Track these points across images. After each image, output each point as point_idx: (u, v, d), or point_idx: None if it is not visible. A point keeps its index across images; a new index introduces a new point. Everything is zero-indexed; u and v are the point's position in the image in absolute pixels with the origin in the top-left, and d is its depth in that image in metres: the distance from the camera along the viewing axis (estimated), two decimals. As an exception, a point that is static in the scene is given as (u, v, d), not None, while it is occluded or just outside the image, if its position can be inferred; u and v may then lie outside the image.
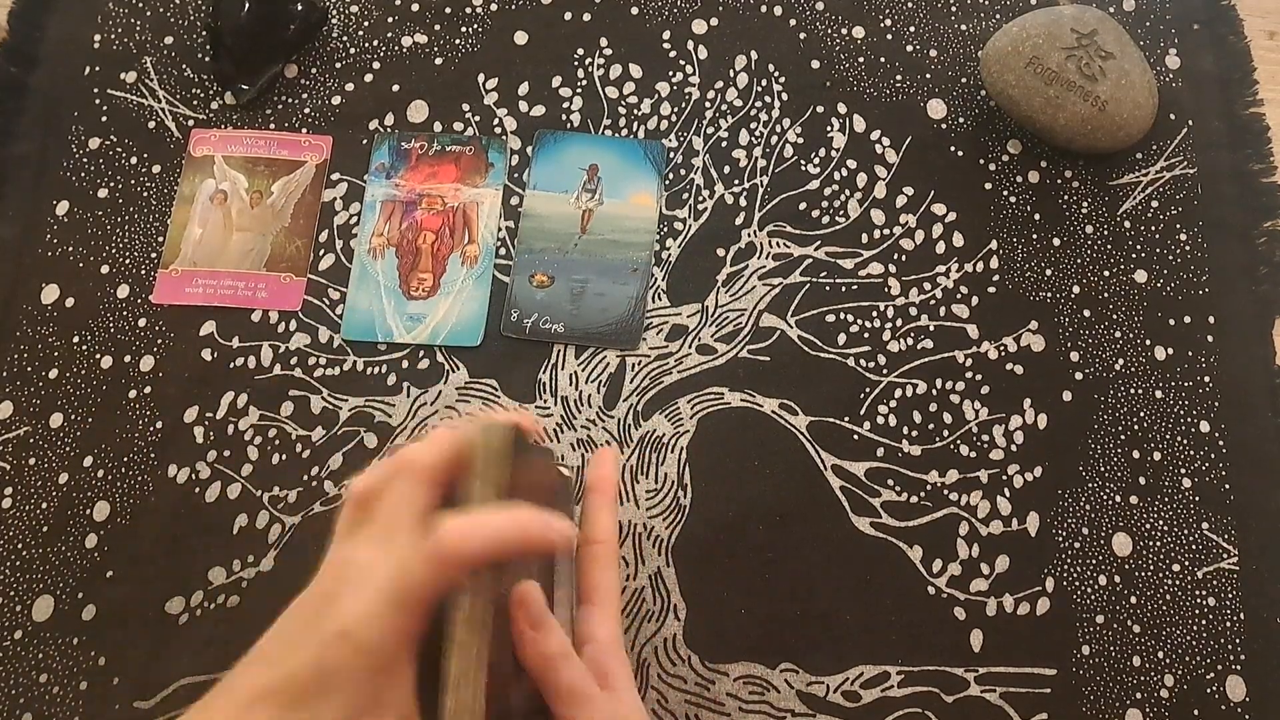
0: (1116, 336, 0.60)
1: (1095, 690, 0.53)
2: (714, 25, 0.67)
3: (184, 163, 0.64)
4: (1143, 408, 0.58)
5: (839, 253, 0.62)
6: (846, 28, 0.67)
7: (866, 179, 0.63)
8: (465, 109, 0.65)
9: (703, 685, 0.53)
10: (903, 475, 0.57)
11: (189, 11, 0.67)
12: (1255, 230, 0.62)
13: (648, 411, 0.58)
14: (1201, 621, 0.54)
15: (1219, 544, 0.56)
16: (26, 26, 0.67)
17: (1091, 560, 0.55)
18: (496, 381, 0.59)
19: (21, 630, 0.54)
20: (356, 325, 0.60)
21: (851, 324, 0.60)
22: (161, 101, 0.65)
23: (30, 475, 0.57)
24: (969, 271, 0.61)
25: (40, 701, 0.52)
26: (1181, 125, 0.65)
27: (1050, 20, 0.61)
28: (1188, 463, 0.57)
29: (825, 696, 0.53)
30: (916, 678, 0.53)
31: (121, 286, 0.61)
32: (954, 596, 0.55)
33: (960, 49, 0.67)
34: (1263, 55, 0.67)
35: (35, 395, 0.58)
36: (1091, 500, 0.57)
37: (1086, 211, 0.63)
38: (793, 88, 0.66)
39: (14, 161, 0.63)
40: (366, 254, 0.62)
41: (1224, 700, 0.53)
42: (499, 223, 0.62)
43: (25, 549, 0.55)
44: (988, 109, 0.65)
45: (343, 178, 0.63)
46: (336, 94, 0.65)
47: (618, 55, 0.66)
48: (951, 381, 0.59)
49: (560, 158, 0.64)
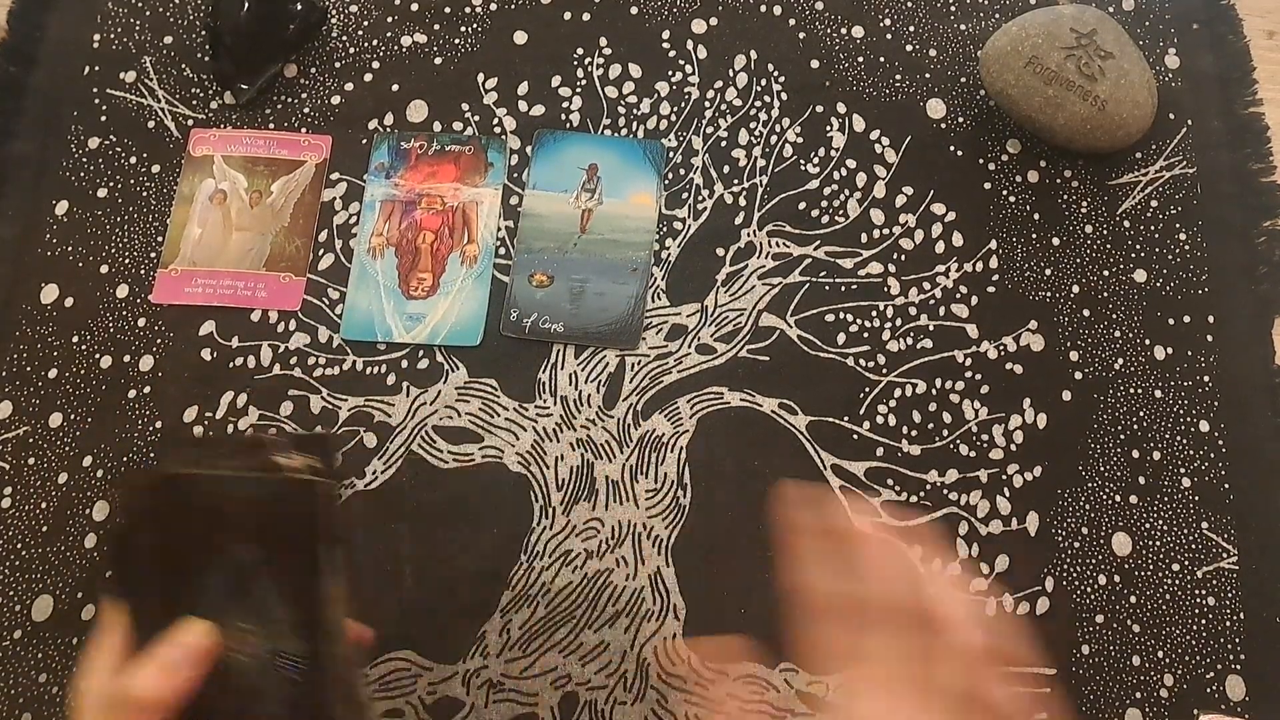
0: (1116, 336, 0.60)
1: (1095, 690, 0.53)
2: (713, 25, 0.67)
3: (183, 162, 0.64)
4: (1142, 407, 0.58)
5: (838, 252, 0.62)
6: (846, 27, 0.67)
7: (866, 179, 0.63)
8: (465, 109, 0.65)
9: (703, 685, 0.53)
10: (902, 475, 0.57)
11: (189, 11, 0.68)
12: (1255, 230, 0.62)
13: (647, 411, 0.58)
14: (1201, 621, 0.54)
15: (1219, 543, 0.56)
16: (26, 26, 0.67)
17: (1091, 560, 0.55)
18: (496, 381, 0.59)
19: (21, 630, 0.54)
20: (356, 325, 0.60)
21: (851, 324, 0.60)
22: (161, 101, 0.65)
23: (30, 475, 0.57)
24: (968, 271, 0.61)
25: (40, 701, 0.52)
26: (1181, 125, 0.65)
27: (1050, 20, 0.61)
28: (1187, 462, 0.57)
29: (825, 696, 0.53)
30: (916, 677, 0.53)
31: (121, 286, 0.61)
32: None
33: (960, 49, 0.67)
34: (1262, 55, 0.67)
35: (35, 395, 0.58)
36: (1091, 500, 0.57)
37: (1086, 211, 0.63)
38: (792, 87, 0.66)
39: (14, 161, 0.63)
40: (366, 254, 0.62)
41: (1224, 700, 0.53)
42: (498, 222, 0.62)
43: (25, 549, 0.55)
44: (987, 109, 0.65)
45: (342, 177, 0.63)
46: (336, 94, 0.65)
47: (617, 55, 0.66)
48: (951, 381, 0.59)
49: (560, 157, 0.64)
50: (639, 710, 0.52)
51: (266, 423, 0.58)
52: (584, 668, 0.53)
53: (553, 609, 0.54)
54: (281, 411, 0.58)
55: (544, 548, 0.56)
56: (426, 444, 0.57)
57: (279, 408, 0.58)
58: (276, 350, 0.59)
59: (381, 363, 0.59)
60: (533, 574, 0.55)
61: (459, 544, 0.55)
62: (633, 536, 0.56)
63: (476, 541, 0.56)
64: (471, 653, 0.53)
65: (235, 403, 0.58)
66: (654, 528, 0.56)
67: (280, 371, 0.59)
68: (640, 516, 0.56)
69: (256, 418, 0.58)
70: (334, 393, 0.59)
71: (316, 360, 0.59)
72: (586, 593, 0.55)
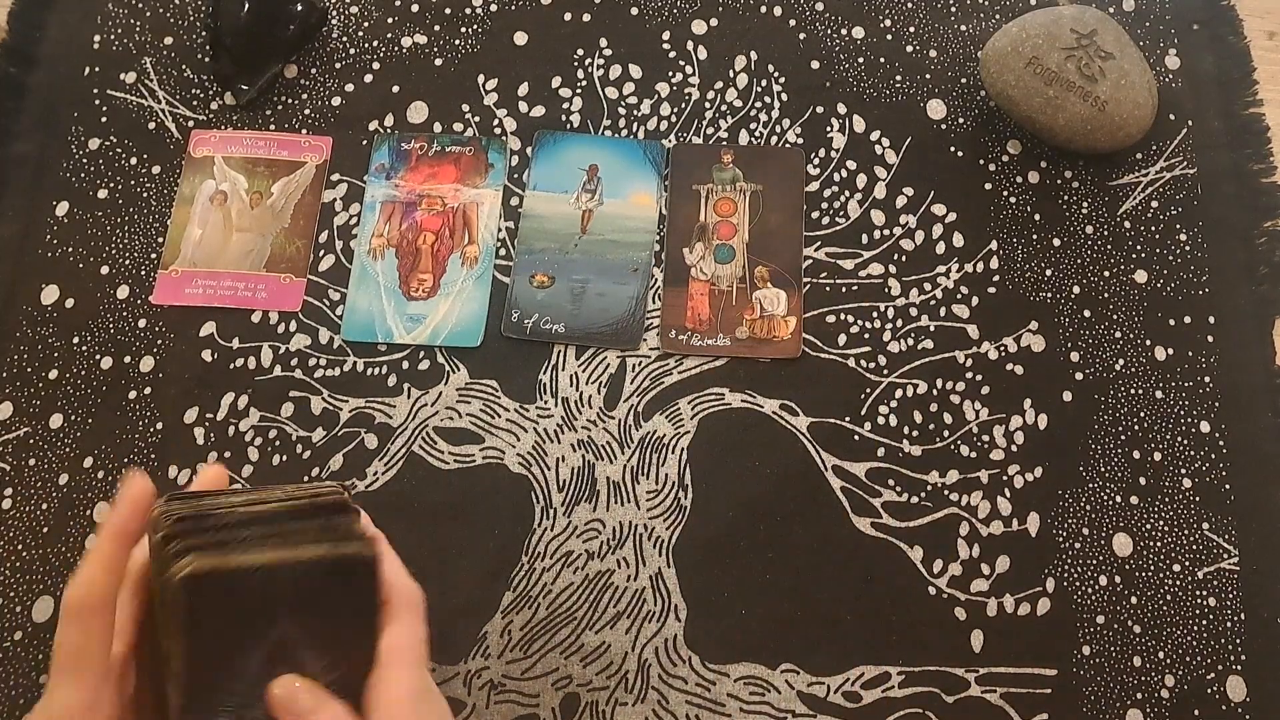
0: (1117, 337, 0.60)
1: (1096, 690, 0.53)
2: (714, 26, 0.67)
3: (184, 163, 0.64)
4: (1143, 408, 0.58)
5: (839, 253, 0.62)
6: (846, 28, 0.67)
7: (866, 179, 0.63)
8: (465, 109, 0.65)
9: (703, 686, 0.53)
10: (903, 475, 0.57)
11: (189, 11, 0.67)
12: (1255, 230, 0.62)
13: (648, 412, 0.58)
14: (1202, 622, 0.54)
15: (1219, 544, 0.56)
16: (26, 26, 0.67)
17: (1092, 560, 0.56)
18: (497, 382, 0.59)
19: (21, 631, 0.53)
20: (356, 326, 0.60)
21: (852, 324, 0.60)
22: (161, 102, 0.65)
23: (30, 476, 0.56)
24: (969, 272, 0.61)
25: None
26: (1181, 125, 0.65)
27: (1050, 20, 0.61)
28: (1188, 463, 0.57)
29: (826, 697, 0.53)
30: (917, 678, 0.53)
31: (121, 287, 0.61)
32: (954, 597, 0.55)
33: (960, 49, 0.67)
34: (1262, 55, 0.67)
35: (35, 396, 0.58)
36: (1092, 500, 0.57)
37: (1086, 212, 0.63)
38: (792, 88, 0.66)
39: (14, 161, 0.63)
40: (366, 255, 0.62)
41: (1224, 700, 0.53)
42: (499, 223, 0.62)
43: (25, 550, 0.55)
44: (987, 109, 0.65)
45: (343, 178, 0.63)
46: (336, 94, 0.65)
47: (617, 56, 0.66)
48: (952, 382, 0.59)
49: (560, 158, 0.64)
50: (640, 711, 0.52)
51: (267, 424, 0.58)
52: (585, 669, 0.53)
53: (554, 610, 0.54)
54: (282, 413, 0.58)
55: (545, 549, 0.56)
56: (427, 445, 0.57)
57: (280, 409, 0.58)
58: (277, 351, 0.59)
59: (382, 364, 0.59)
60: (534, 575, 0.55)
61: (460, 545, 0.55)
62: (634, 537, 0.56)
63: (477, 543, 0.56)
64: (473, 654, 0.53)
65: (236, 404, 0.58)
66: (655, 529, 0.56)
67: (281, 373, 0.59)
68: (641, 518, 0.56)
69: (257, 419, 0.58)
70: (335, 394, 0.59)
71: (317, 361, 0.59)
72: (587, 594, 0.55)
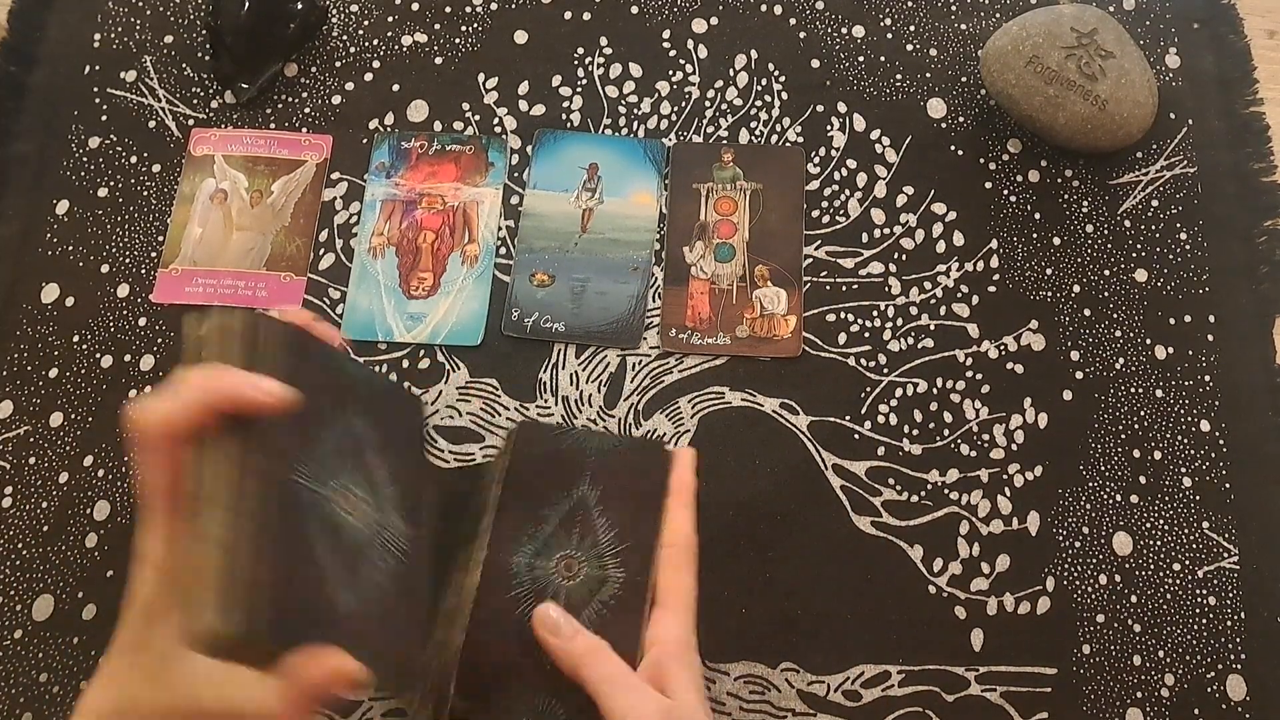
0: (1117, 336, 0.60)
1: (1096, 689, 0.53)
2: (714, 24, 0.67)
3: (184, 162, 0.64)
4: (1143, 407, 0.58)
5: (839, 252, 0.62)
6: (846, 27, 0.67)
7: (866, 178, 0.63)
8: (465, 108, 0.65)
9: (704, 685, 0.53)
10: (903, 474, 0.57)
11: (189, 11, 0.67)
12: (1255, 229, 0.62)
13: (649, 411, 0.58)
14: (1202, 621, 0.54)
15: (1219, 543, 0.56)
16: (26, 26, 0.67)
17: (1092, 559, 0.55)
18: (497, 381, 0.59)
19: (22, 630, 0.53)
20: (357, 324, 0.60)
21: (852, 323, 0.60)
22: (161, 101, 0.65)
23: (30, 475, 0.56)
24: (969, 271, 0.61)
25: (40, 701, 0.52)
26: (1181, 124, 0.65)
27: (1050, 19, 0.61)
28: (1188, 462, 0.57)
29: (826, 696, 0.53)
30: (917, 677, 0.53)
31: (122, 286, 0.61)
32: (955, 596, 0.55)
33: (960, 48, 0.67)
34: (1263, 54, 0.67)
35: (35, 395, 0.58)
36: (1092, 499, 0.57)
37: (1087, 211, 0.63)
38: (793, 87, 0.66)
39: (14, 161, 0.63)
40: (366, 253, 0.62)
41: (1224, 699, 0.53)
42: (499, 222, 0.62)
43: (25, 548, 0.55)
44: (988, 108, 0.65)
45: (343, 177, 0.63)
46: (336, 93, 0.65)
47: (618, 54, 0.66)
48: (952, 381, 0.59)
49: (560, 157, 0.64)
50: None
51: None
52: (585, 667, 0.53)
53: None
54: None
55: (545, 547, 0.55)
56: (428, 444, 0.57)
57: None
58: (277, 350, 0.59)
59: (382, 362, 0.59)
60: (534, 574, 0.55)
61: (460, 544, 0.55)
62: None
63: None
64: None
65: (236, 402, 0.58)
66: (655, 527, 0.56)
67: (281, 371, 0.59)
68: (641, 516, 0.56)
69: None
70: (335, 392, 0.59)
71: (317, 360, 0.59)
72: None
